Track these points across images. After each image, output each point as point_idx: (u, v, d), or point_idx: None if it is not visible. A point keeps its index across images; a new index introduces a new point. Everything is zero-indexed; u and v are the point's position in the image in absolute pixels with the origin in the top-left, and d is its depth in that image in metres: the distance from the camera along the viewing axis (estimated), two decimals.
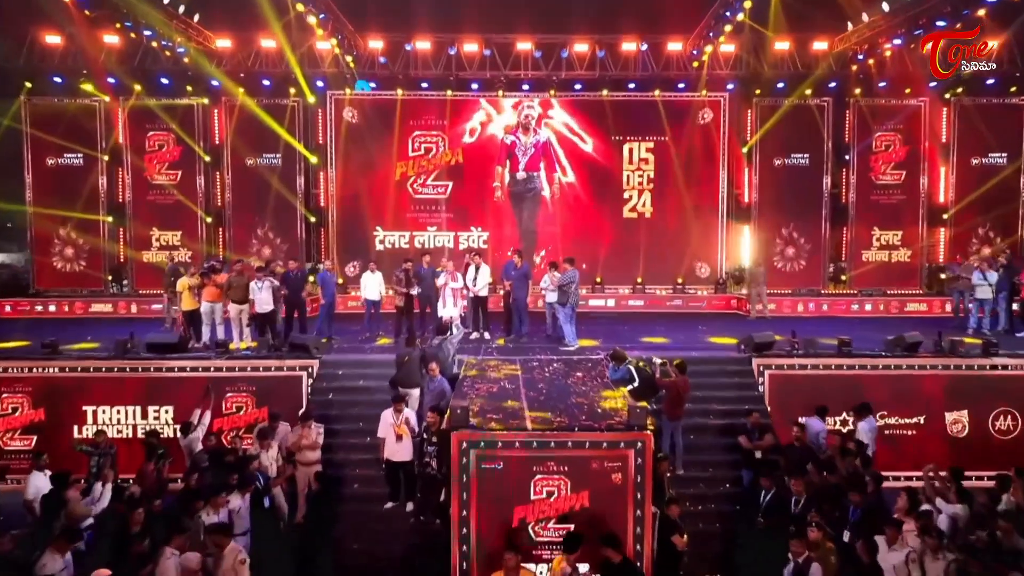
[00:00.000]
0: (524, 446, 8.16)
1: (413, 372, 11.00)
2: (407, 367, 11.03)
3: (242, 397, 12.04)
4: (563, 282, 13.54)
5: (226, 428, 11.83)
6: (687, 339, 15.17)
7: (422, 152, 21.04)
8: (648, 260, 21.09)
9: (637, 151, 21.21)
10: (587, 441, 8.15)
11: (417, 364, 11.03)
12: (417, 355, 11.10)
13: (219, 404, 11.65)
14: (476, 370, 11.40)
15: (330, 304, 14.61)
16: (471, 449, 8.10)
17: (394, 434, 9.99)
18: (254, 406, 12.00)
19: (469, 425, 8.21)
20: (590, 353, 13.25)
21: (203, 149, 20.55)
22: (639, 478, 8.11)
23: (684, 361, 10.85)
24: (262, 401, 11.97)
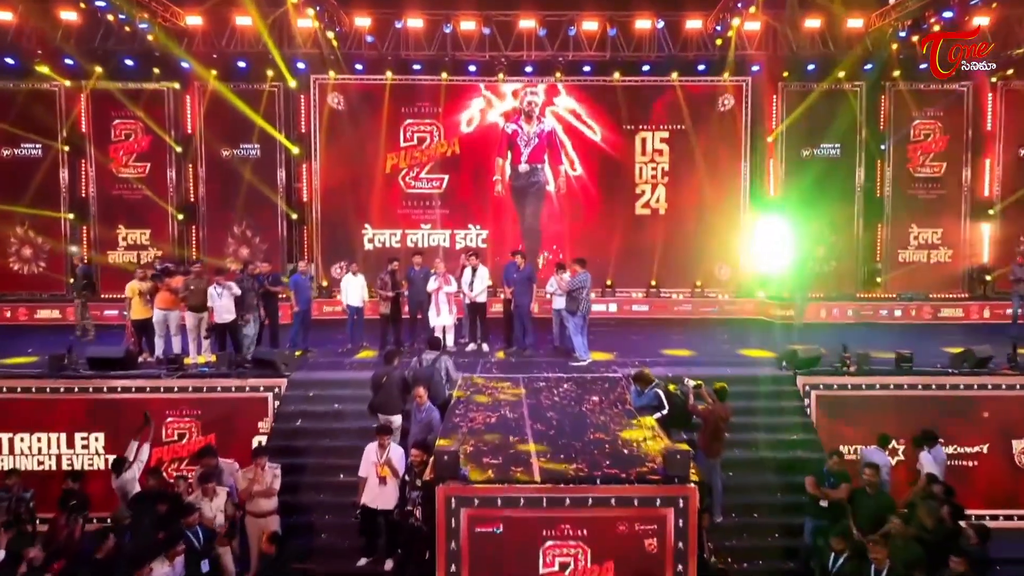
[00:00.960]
0: (531, 504, 6.30)
1: (392, 396, 9.11)
2: (385, 390, 9.16)
3: (185, 422, 10.16)
4: (573, 287, 11.65)
5: (166, 459, 9.95)
6: (714, 351, 13.27)
7: (415, 142, 19.16)
8: (663, 261, 19.19)
9: (651, 141, 19.30)
10: (612, 497, 6.30)
11: (398, 387, 9.16)
12: (398, 376, 9.23)
13: (158, 431, 9.75)
14: (471, 392, 9.54)
15: (305, 312, 12.74)
16: (462, 508, 6.24)
17: (376, 475, 8.11)
18: (199, 433, 10.12)
19: (459, 475, 6.33)
20: (604, 369, 11.38)
21: (174, 139, 18.68)
22: (680, 545, 6.26)
23: (725, 386, 8.91)
24: (211, 427, 10.10)
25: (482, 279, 13.01)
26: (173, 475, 9.52)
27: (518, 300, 12.77)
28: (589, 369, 11.38)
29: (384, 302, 12.70)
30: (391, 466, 8.10)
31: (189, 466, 9.76)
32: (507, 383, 10.27)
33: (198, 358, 11.64)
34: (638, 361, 11.98)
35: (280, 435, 9.95)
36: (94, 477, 9.67)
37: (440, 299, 12.78)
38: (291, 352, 12.47)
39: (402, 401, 9.22)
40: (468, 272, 13.01)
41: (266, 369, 10.86)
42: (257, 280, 12.03)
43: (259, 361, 11.00)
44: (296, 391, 10.54)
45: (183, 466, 9.92)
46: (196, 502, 7.78)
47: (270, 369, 10.83)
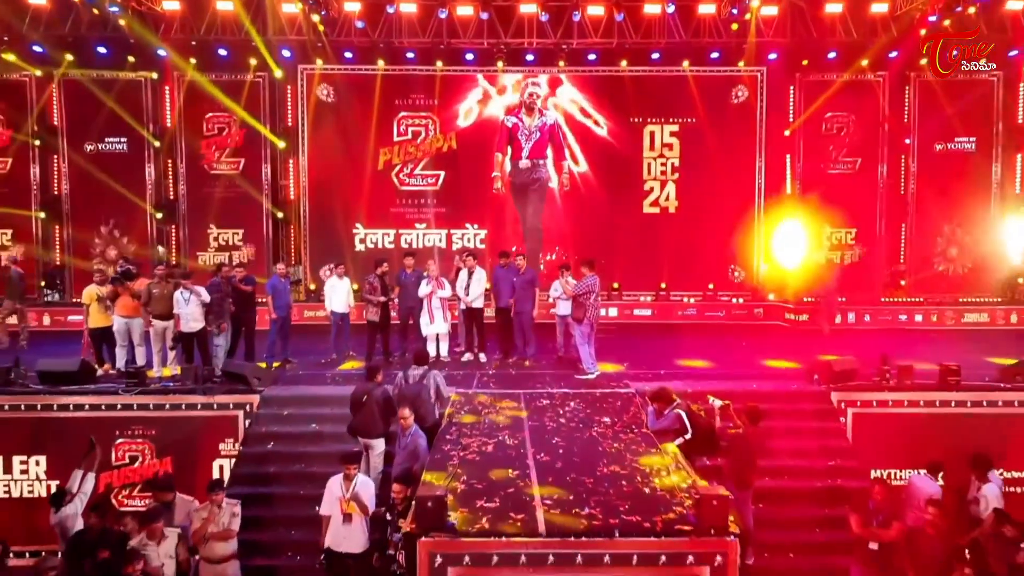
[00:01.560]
0: (534, 562, 5.15)
1: (372, 417, 7.95)
2: (366, 410, 7.99)
3: (138, 444, 9.01)
4: (579, 291, 10.47)
5: (116, 485, 8.81)
6: (734, 362, 12.08)
7: (409, 136, 18.01)
8: (673, 262, 18.00)
9: (660, 135, 18.16)
10: (635, 554, 5.12)
11: (379, 406, 7.99)
12: (380, 393, 8.06)
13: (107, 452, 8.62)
14: (465, 412, 8.38)
15: (284, 319, 11.56)
16: (449, 567, 5.09)
17: (340, 512, 6.94)
18: (154, 456, 8.97)
19: (446, 526, 5.16)
20: (615, 384, 10.18)
21: (152, 133, 17.52)
22: None
23: (757, 407, 7.71)
24: (168, 449, 8.97)
25: (479, 282, 11.84)
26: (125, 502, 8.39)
27: (519, 306, 11.62)
28: (597, 384, 10.21)
29: (372, 308, 11.53)
30: (358, 501, 6.92)
31: (143, 492, 8.60)
32: (506, 400, 9.12)
33: (163, 371, 10.49)
34: (651, 374, 10.84)
35: (248, 460, 8.78)
36: (35, 506, 8.52)
37: (433, 305, 11.63)
38: (269, 363, 11.37)
39: (384, 423, 8.05)
40: (463, 275, 11.85)
41: (237, 384, 9.70)
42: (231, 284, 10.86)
43: (229, 375, 9.83)
44: (269, 409, 9.37)
45: (135, 492, 8.76)
46: (141, 547, 6.60)
47: (241, 384, 9.66)
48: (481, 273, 11.89)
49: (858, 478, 8.57)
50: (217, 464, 9.04)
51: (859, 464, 8.84)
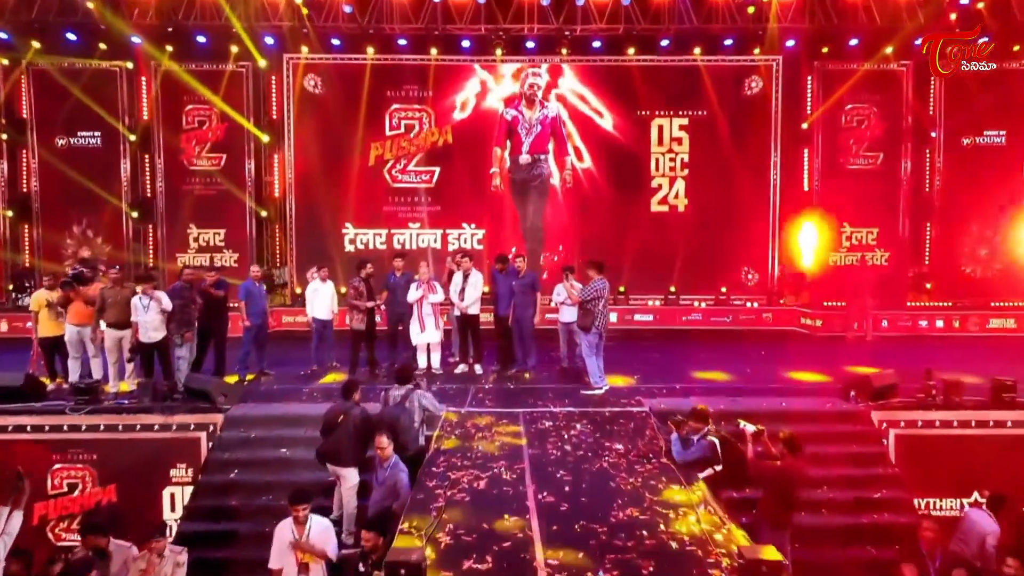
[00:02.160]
0: None
1: (346, 442, 6.85)
2: (339, 433, 6.88)
3: (77, 470, 7.91)
4: (587, 296, 9.35)
5: (51, 516, 7.72)
6: (756, 374, 10.95)
7: (401, 130, 16.93)
8: (683, 264, 16.91)
9: (669, 129, 17.08)
10: None
11: (355, 429, 6.88)
12: (357, 414, 6.94)
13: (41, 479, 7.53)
14: (456, 436, 7.27)
15: (259, 327, 10.45)
16: None
17: (294, 562, 5.83)
18: (96, 483, 7.89)
19: None
20: (626, 400, 9.06)
21: (127, 127, 16.43)
22: None
23: (794, 435, 6.57)
24: (112, 476, 7.90)
25: (476, 286, 10.74)
26: (62, 536, 7.30)
27: (519, 312, 10.51)
28: (607, 401, 9.10)
29: (357, 315, 10.42)
30: (313, 549, 5.81)
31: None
32: (504, 421, 8.02)
33: (119, 385, 9.40)
34: (665, 389, 9.74)
35: (207, 492, 7.66)
36: None
37: (424, 311, 10.53)
38: (242, 376, 10.29)
39: (360, 448, 6.95)
40: (458, 278, 10.74)
41: (200, 402, 8.59)
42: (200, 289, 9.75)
43: (192, 391, 8.72)
44: (234, 431, 8.25)
45: (75, 525, 7.67)
46: None
47: (204, 402, 8.55)
48: (477, 276, 10.78)
49: (907, 512, 7.46)
50: (168, 493, 7.94)
51: (907, 494, 7.72)
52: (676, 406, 8.56)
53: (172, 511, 7.93)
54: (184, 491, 7.91)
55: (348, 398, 7.22)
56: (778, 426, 7.63)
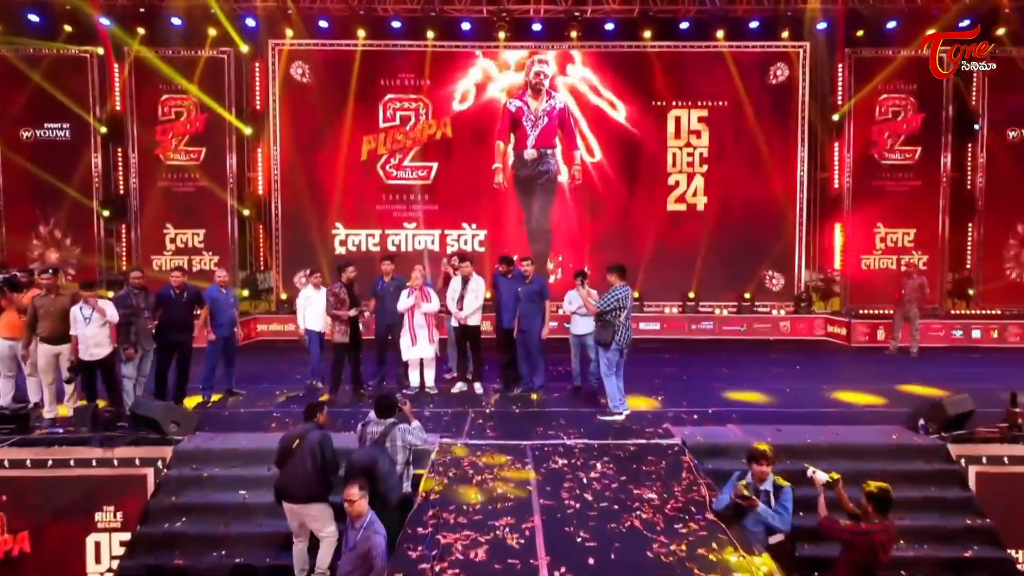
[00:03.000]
0: None
1: (303, 472, 5.52)
2: (294, 462, 5.55)
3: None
4: (607, 306, 7.96)
5: None
6: (797, 395, 9.53)
7: (396, 122, 15.59)
8: (703, 268, 15.54)
9: (687, 121, 15.71)
10: None
11: (311, 456, 5.54)
12: (315, 439, 5.60)
13: None
14: (450, 478, 5.92)
15: (226, 339, 9.07)
16: None
17: None
18: (5, 530, 6.54)
19: None
20: (653, 429, 7.67)
21: (98, 118, 15.10)
22: None
23: (886, 491, 5.13)
24: (24, 522, 6.60)
25: (476, 294, 9.39)
26: None
27: (525, 324, 9.13)
28: (629, 428, 7.72)
29: (339, 325, 9.03)
30: None
31: None
32: (509, 458, 6.64)
33: (57, 409, 8.04)
34: (696, 413, 8.35)
35: (144, 547, 6.28)
36: None
37: (416, 322, 9.18)
38: (207, 397, 8.93)
39: (322, 482, 5.59)
40: (456, 284, 9.39)
41: (148, 431, 7.22)
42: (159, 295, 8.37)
43: (139, 418, 7.35)
44: (184, 468, 6.87)
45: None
46: None
47: (153, 431, 7.19)
48: (478, 282, 9.43)
49: (1007, 573, 6.07)
50: (92, 541, 6.58)
51: (1005, 555, 6.32)
52: (713, 437, 7.22)
53: (97, 563, 6.56)
54: (112, 538, 6.54)
55: (310, 419, 5.88)
56: (835, 464, 6.29)
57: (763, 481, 5.30)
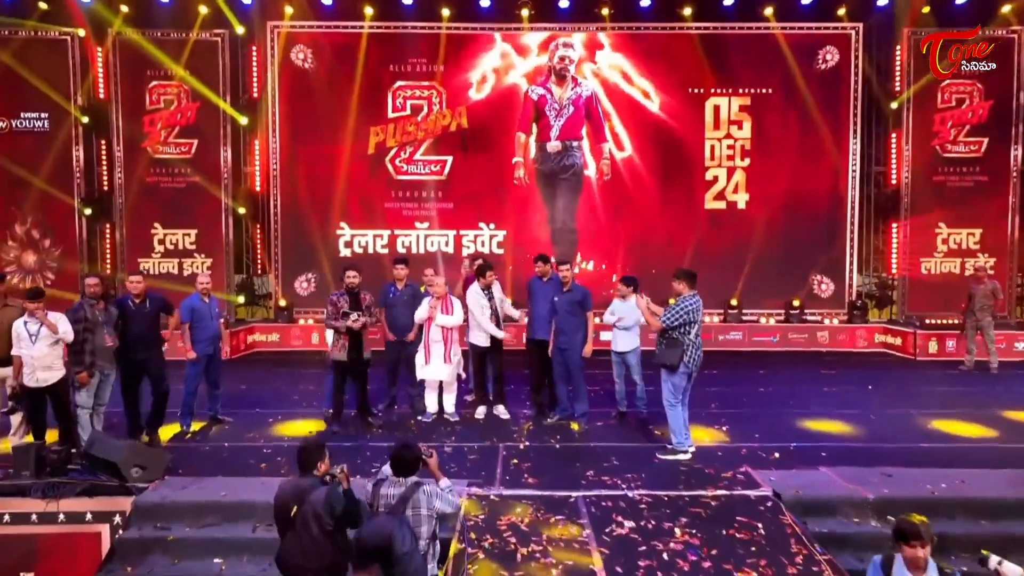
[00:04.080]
0: None
1: (310, 543, 4.12)
2: (296, 534, 4.13)
3: None
4: (675, 320, 6.47)
5: None
6: (884, 422, 8.03)
7: (407, 112, 14.18)
8: (745, 273, 14.07)
9: (727, 109, 14.26)
10: None
11: (318, 525, 4.11)
12: (318, 501, 4.14)
13: None
14: (483, 552, 4.45)
15: (209, 357, 7.62)
16: None
17: None
18: None
19: None
20: (729, 472, 6.21)
21: (80, 107, 13.73)
22: None
23: None
24: None
25: (501, 302, 7.99)
26: None
27: (563, 340, 7.67)
28: (700, 471, 6.26)
29: (339, 340, 7.56)
30: None
31: None
32: (558, 518, 5.18)
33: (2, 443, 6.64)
34: (774, 450, 6.87)
35: None
36: None
37: (432, 336, 7.75)
38: (186, 426, 7.51)
39: (339, 548, 4.15)
40: (474, 294, 7.91)
41: (106, 477, 5.80)
42: (117, 306, 6.93)
43: (93, 460, 5.92)
44: (145, 527, 5.44)
45: None
46: None
47: (111, 477, 5.77)
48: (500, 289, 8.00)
49: None
50: None
51: None
52: (810, 487, 5.76)
53: None
54: None
55: (305, 472, 4.44)
56: (975, 524, 4.85)
57: (921, 572, 3.82)
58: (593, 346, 7.85)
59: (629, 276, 8.16)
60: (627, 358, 8.00)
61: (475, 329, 7.94)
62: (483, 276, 7.87)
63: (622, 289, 8.06)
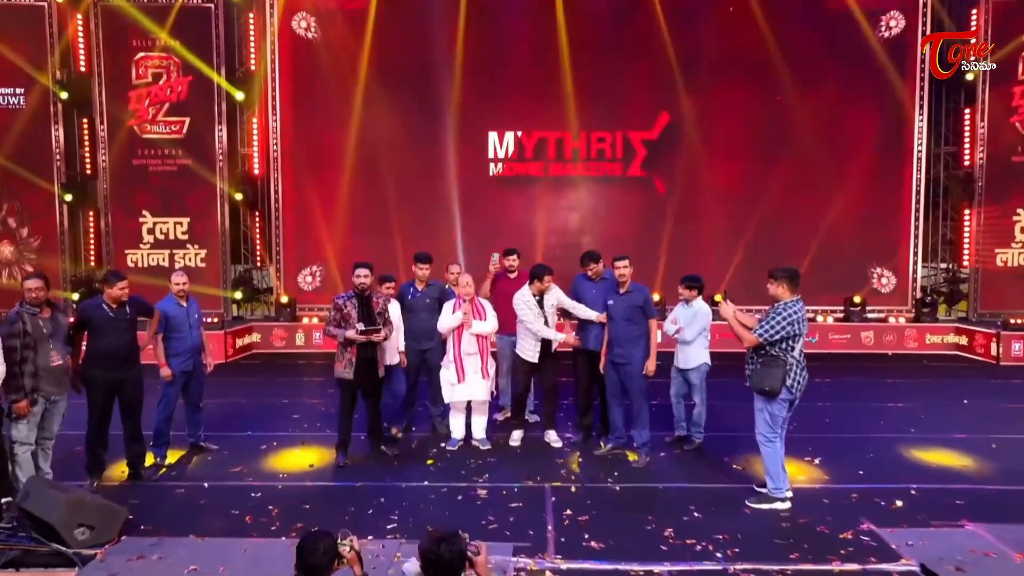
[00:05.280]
0: None
1: None
2: None
3: None
4: (775, 333, 5.05)
5: None
6: (1010, 452, 6.59)
7: None
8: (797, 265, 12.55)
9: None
10: None
11: None
12: None
13: None
14: None
15: (188, 374, 6.23)
16: None
17: None
18: None
19: None
20: (849, 535, 4.78)
21: (59, 82, 12.36)
22: None
23: None
24: None
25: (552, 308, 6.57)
26: None
27: (620, 353, 6.21)
28: (806, 527, 4.86)
29: (345, 353, 6.12)
30: None
31: None
32: None
33: None
34: (894, 495, 5.44)
35: None
36: None
37: (464, 347, 6.34)
38: (160, 457, 6.14)
39: None
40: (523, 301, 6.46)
41: (40, 537, 4.44)
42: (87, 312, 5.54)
43: (31, 517, 4.56)
44: None
45: None
46: None
47: (49, 541, 4.41)
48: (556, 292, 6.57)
49: None
50: None
51: None
52: (966, 555, 4.33)
53: None
54: None
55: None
56: None
57: None
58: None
59: (693, 275, 6.74)
60: (690, 376, 6.62)
61: (524, 338, 6.52)
62: (539, 280, 6.38)
63: (684, 292, 6.67)
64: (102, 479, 5.64)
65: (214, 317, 11.57)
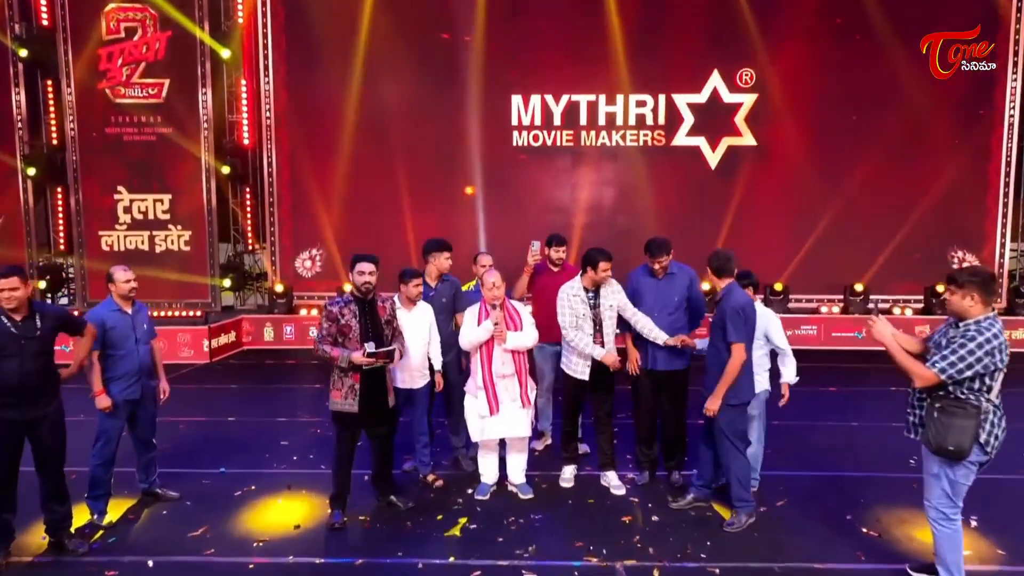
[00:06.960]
0: None
1: None
2: None
3: None
4: (967, 366, 3.34)
5: None
6: None
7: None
8: (871, 249, 11.03)
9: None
10: None
11: None
12: None
13: None
14: None
15: (134, 403, 4.68)
16: None
17: None
18: None
19: None
20: None
21: (18, 38, 10.76)
22: None
23: None
24: None
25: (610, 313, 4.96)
26: None
27: (705, 381, 4.61)
28: None
29: (343, 380, 4.52)
30: None
31: None
32: None
33: None
34: None
35: None
36: None
37: (497, 367, 4.78)
38: (97, 515, 4.62)
39: None
40: (572, 294, 4.88)
41: None
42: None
43: None
44: None
45: None
46: None
47: None
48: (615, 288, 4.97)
49: None
50: None
51: None
52: None
53: None
54: None
55: None
56: None
57: None
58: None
59: (742, 270, 5.06)
60: (763, 404, 5.00)
61: (568, 352, 4.96)
62: (593, 268, 4.80)
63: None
64: (9, 553, 4.12)
65: (198, 309, 10.06)
